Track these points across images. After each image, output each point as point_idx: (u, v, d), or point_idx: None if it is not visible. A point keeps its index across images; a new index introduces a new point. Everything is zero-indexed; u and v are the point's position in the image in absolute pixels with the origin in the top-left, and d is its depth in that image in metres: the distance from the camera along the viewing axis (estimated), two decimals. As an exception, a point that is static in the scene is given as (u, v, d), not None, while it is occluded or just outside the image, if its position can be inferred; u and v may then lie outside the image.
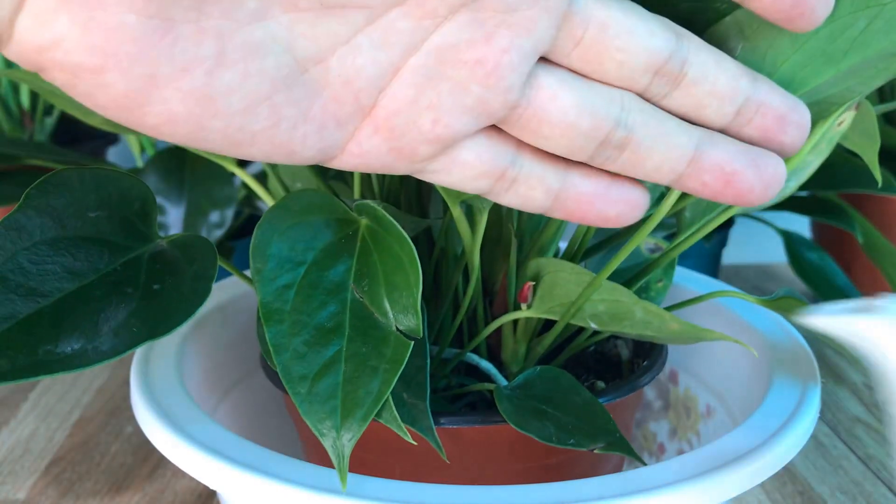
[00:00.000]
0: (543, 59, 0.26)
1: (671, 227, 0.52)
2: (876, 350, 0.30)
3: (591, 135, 0.26)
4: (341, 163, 0.26)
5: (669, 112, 0.28)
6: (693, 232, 0.40)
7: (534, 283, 0.37)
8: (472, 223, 0.35)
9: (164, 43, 0.22)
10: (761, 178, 0.28)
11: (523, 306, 0.37)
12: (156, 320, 0.29)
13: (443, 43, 0.25)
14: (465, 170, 0.27)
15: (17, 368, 0.27)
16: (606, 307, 0.35)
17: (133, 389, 0.38)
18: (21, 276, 0.29)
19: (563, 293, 0.36)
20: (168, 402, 0.37)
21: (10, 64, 0.70)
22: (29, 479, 0.50)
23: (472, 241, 0.35)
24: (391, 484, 0.31)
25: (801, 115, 0.28)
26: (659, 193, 0.48)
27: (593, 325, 0.36)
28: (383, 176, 0.41)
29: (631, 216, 0.29)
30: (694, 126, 0.28)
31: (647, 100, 0.27)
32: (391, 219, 0.31)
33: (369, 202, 0.32)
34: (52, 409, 0.58)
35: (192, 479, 0.50)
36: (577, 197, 0.28)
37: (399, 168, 0.27)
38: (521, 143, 0.28)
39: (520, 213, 0.40)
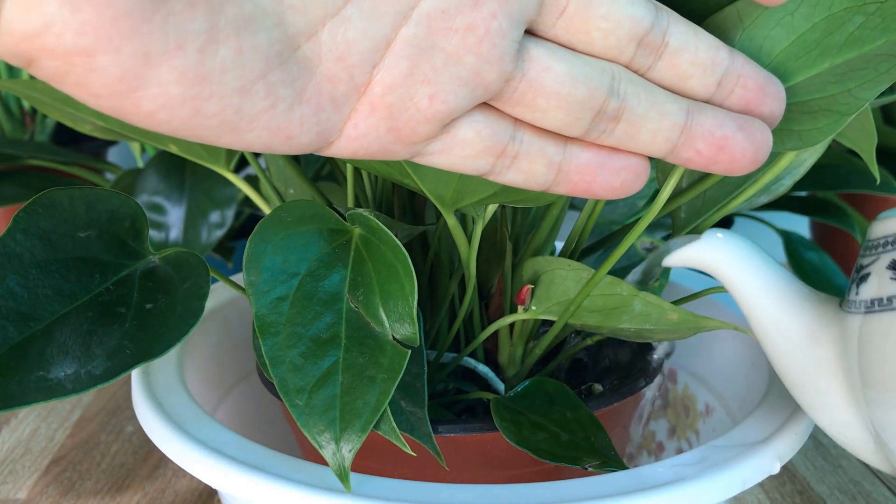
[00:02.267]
0: (530, 34, 0.26)
1: (667, 228, 0.52)
2: (711, 270, 0.33)
3: (587, 105, 0.26)
4: (339, 148, 0.26)
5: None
6: (689, 231, 0.40)
7: (532, 285, 0.36)
8: (468, 232, 0.35)
9: (156, 17, 0.21)
10: (752, 142, 0.28)
11: (520, 308, 0.37)
12: (149, 341, 0.29)
13: (432, 10, 0.24)
14: (466, 148, 0.27)
15: (8, 396, 0.27)
16: (605, 301, 0.35)
17: (134, 389, 0.39)
18: (11, 301, 0.28)
19: (561, 291, 0.36)
20: (169, 402, 0.37)
21: (11, 73, 0.70)
22: (29, 478, 0.50)
23: (468, 249, 0.35)
24: (391, 483, 0.31)
25: (777, 86, 0.29)
26: (653, 191, 0.48)
27: (591, 322, 0.36)
28: (376, 179, 0.41)
29: (635, 184, 0.29)
30: (681, 97, 0.28)
31: (634, 72, 0.27)
32: (384, 227, 0.31)
33: (361, 211, 0.32)
34: (53, 409, 0.58)
35: (192, 478, 0.50)
36: (579, 168, 0.28)
37: (398, 151, 0.27)
38: (517, 121, 0.27)
39: (513, 215, 0.40)
